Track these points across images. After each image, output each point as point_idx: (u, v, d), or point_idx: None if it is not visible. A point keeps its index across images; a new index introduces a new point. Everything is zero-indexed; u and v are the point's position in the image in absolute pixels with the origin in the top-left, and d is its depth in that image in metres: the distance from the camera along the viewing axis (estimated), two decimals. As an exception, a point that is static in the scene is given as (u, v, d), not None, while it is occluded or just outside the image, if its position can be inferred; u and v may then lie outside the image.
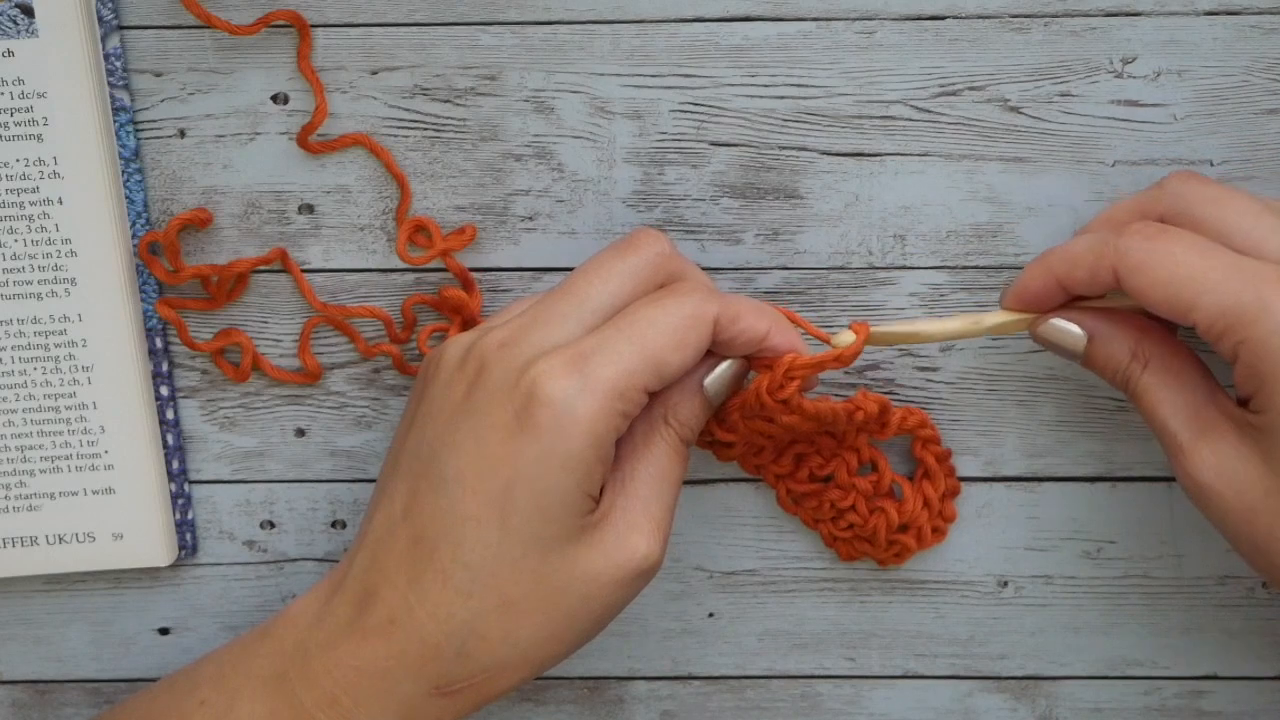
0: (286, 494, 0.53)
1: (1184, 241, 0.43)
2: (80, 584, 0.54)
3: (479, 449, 0.43)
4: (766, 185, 0.50)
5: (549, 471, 0.43)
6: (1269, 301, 0.41)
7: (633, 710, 0.56)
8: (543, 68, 0.49)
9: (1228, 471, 0.44)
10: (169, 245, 0.49)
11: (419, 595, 0.44)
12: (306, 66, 0.48)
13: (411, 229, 0.50)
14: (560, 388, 0.43)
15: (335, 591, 0.46)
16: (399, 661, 0.44)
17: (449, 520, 0.44)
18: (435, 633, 0.44)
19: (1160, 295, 0.43)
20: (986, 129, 0.49)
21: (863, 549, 0.53)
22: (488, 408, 0.44)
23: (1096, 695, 0.55)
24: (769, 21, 0.48)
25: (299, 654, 0.46)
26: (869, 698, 0.55)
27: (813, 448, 0.51)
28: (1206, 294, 0.42)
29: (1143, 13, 0.48)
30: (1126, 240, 0.44)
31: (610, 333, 0.44)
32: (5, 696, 0.56)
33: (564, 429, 0.43)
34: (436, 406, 0.45)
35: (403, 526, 0.45)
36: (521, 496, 0.43)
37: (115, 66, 0.48)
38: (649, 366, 0.44)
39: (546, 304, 0.46)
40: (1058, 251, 0.46)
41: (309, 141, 0.49)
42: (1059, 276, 0.45)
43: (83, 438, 0.51)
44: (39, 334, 0.50)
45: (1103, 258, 0.44)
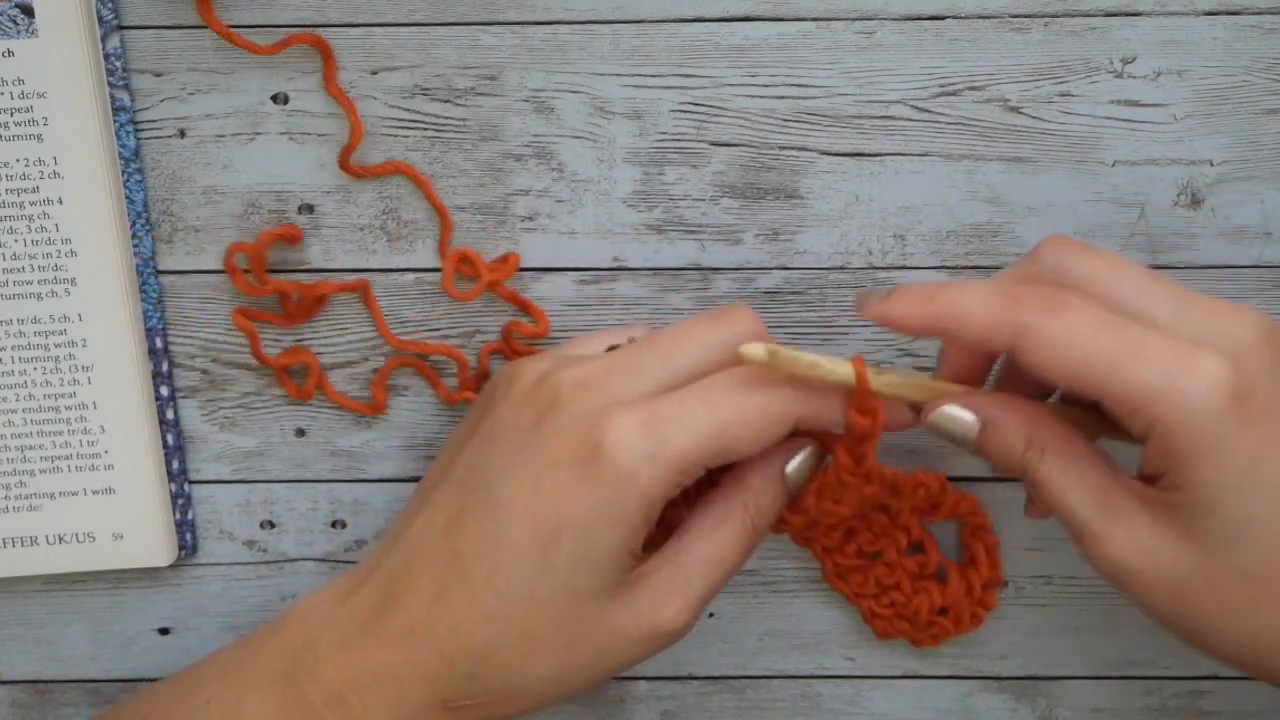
0: (286, 494, 0.53)
1: (1087, 316, 0.41)
2: (80, 584, 0.54)
3: (535, 484, 0.43)
4: (766, 185, 0.50)
5: (600, 525, 0.43)
6: (1177, 380, 0.40)
7: (633, 710, 0.56)
8: (543, 68, 0.49)
9: (1147, 550, 0.42)
10: (255, 258, 0.49)
11: (443, 609, 0.44)
12: (335, 89, 0.48)
13: (457, 260, 0.50)
14: (629, 448, 0.43)
15: (355, 590, 0.46)
16: (412, 670, 0.44)
17: (492, 544, 0.44)
18: (452, 649, 0.44)
19: (1065, 373, 0.41)
20: (986, 129, 0.49)
21: (901, 628, 0.53)
22: (553, 446, 0.43)
23: (1096, 695, 0.55)
24: (769, 21, 0.48)
25: (310, 652, 0.46)
26: (869, 698, 0.55)
27: (864, 523, 0.52)
28: (1114, 374, 0.41)
29: (1143, 13, 0.48)
30: (1027, 315, 0.42)
31: (691, 400, 0.43)
32: (5, 696, 0.56)
33: (623, 489, 0.43)
34: (500, 428, 0.45)
35: (442, 539, 0.45)
36: (568, 542, 0.43)
37: (115, 66, 0.48)
38: (720, 447, 0.43)
39: (630, 353, 0.45)
40: (948, 297, 0.43)
41: (350, 165, 0.49)
42: (945, 325, 0.43)
43: (83, 438, 0.51)
44: (39, 334, 0.50)
45: (998, 330, 0.42)
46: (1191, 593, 0.42)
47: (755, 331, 0.46)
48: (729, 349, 0.45)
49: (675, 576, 0.45)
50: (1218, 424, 0.40)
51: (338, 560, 0.54)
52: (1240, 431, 0.40)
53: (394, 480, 0.53)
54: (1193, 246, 0.50)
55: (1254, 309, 0.42)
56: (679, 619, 0.45)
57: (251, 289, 0.50)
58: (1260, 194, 0.49)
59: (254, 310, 0.51)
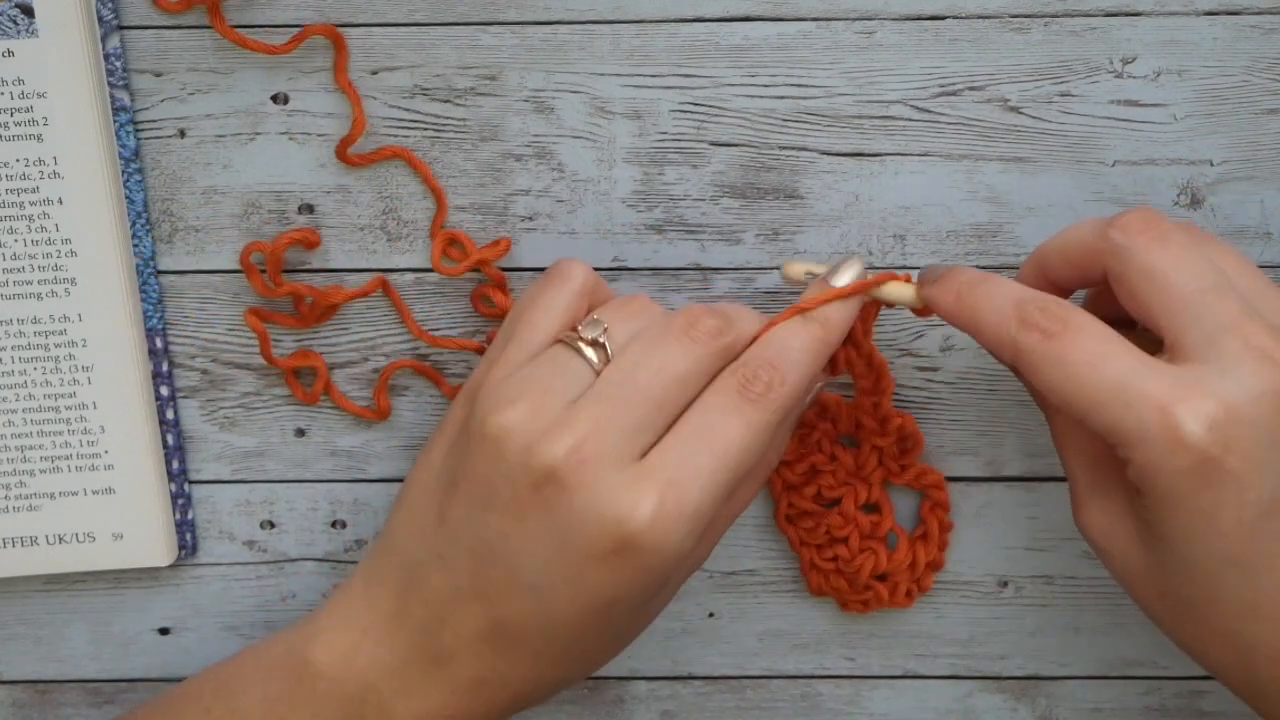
0: (286, 494, 0.53)
1: (1079, 346, 0.42)
2: (80, 584, 0.54)
3: (576, 575, 0.43)
4: (766, 185, 0.50)
5: (654, 593, 0.45)
6: (1150, 430, 0.40)
7: (633, 710, 0.56)
8: (543, 68, 0.49)
9: (1112, 534, 0.44)
10: (273, 260, 0.49)
11: (510, 665, 0.45)
12: (344, 80, 0.48)
13: (445, 242, 0.50)
14: (663, 533, 0.42)
15: (393, 634, 0.46)
16: (490, 709, 0.46)
17: (541, 621, 0.44)
18: (529, 692, 0.46)
19: (1054, 399, 0.42)
20: (986, 129, 0.49)
21: (836, 585, 0.53)
22: (579, 536, 0.43)
23: (1096, 695, 0.55)
24: (769, 21, 0.48)
25: (374, 699, 0.46)
26: (869, 698, 0.55)
27: (829, 465, 0.52)
28: (1095, 410, 0.41)
29: (1143, 13, 0.48)
30: (1025, 336, 0.42)
31: (694, 446, 0.43)
32: (5, 696, 0.56)
33: (666, 565, 0.43)
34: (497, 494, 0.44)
35: (476, 605, 0.45)
36: (621, 613, 0.45)
37: (115, 66, 0.48)
38: (733, 481, 0.44)
39: (615, 405, 0.44)
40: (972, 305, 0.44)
41: (347, 154, 0.49)
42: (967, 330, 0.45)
43: (83, 438, 0.51)
44: (39, 334, 0.50)
45: (1002, 347, 0.43)
46: (1139, 584, 0.44)
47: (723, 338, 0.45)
48: (707, 368, 0.44)
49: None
50: (1178, 479, 0.41)
51: (338, 560, 0.54)
52: (1199, 489, 0.41)
53: (395, 480, 0.53)
54: (1193, 246, 0.50)
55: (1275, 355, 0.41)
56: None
57: (266, 290, 0.50)
58: (1260, 194, 0.49)
59: (267, 311, 0.51)
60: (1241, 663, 0.43)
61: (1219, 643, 0.43)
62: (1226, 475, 0.40)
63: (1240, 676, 0.43)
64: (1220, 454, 0.40)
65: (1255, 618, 0.42)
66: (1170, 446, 0.40)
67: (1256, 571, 0.42)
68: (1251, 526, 0.41)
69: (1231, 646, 0.43)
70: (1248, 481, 0.41)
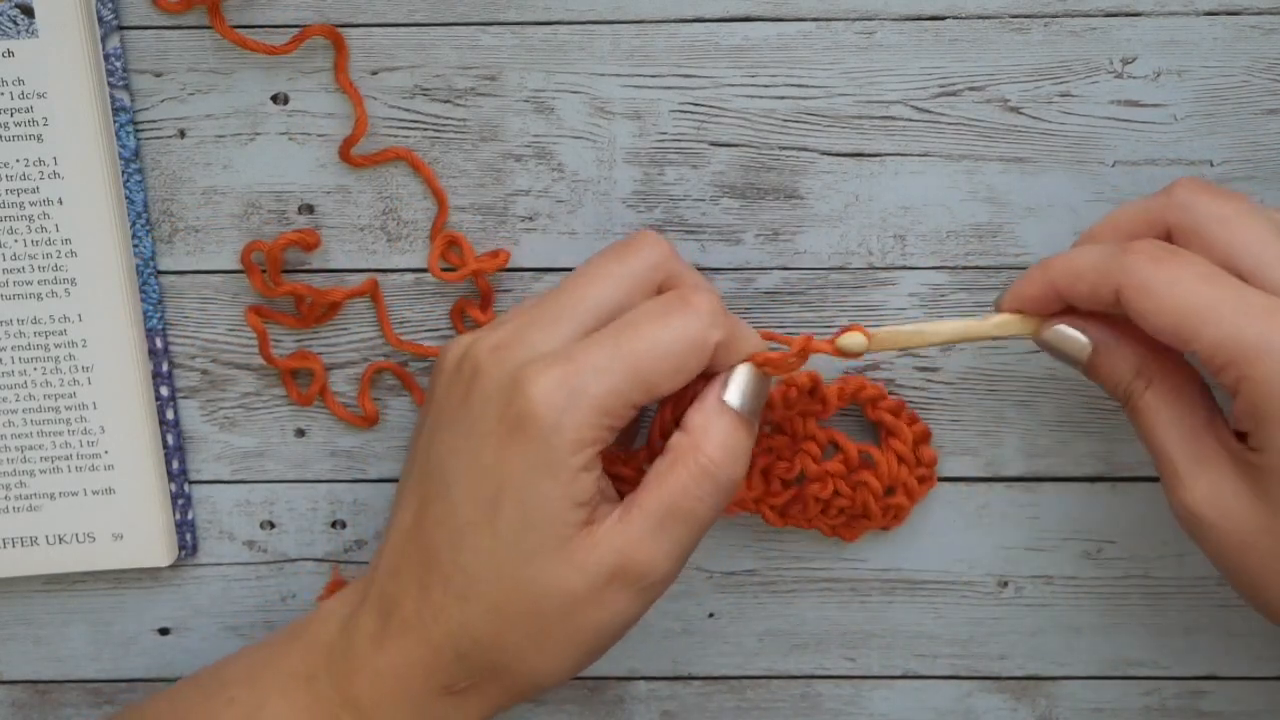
0: (286, 494, 0.53)
1: (1190, 268, 0.42)
2: (80, 584, 0.54)
3: (473, 456, 0.44)
4: (766, 185, 0.50)
5: (534, 481, 0.43)
6: (1272, 339, 0.40)
7: (633, 710, 0.56)
8: (543, 68, 0.49)
9: (1223, 504, 0.43)
10: (272, 259, 0.49)
11: (425, 600, 0.45)
12: (344, 79, 0.48)
13: (445, 244, 0.50)
14: (548, 403, 0.43)
15: (362, 600, 0.47)
16: (409, 664, 0.45)
17: (450, 526, 0.44)
18: (437, 635, 0.45)
19: (1163, 322, 0.42)
20: (986, 129, 0.49)
21: (862, 525, 0.53)
22: (480, 415, 0.44)
23: (1096, 695, 0.55)
24: (769, 21, 0.48)
25: (329, 655, 0.47)
26: (869, 698, 0.55)
27: (771, 455, 0.51)
28: (1210, 326, 0.41)
29: (1143, 13, 0.48)
30: (1131, 260, 0.43)
31: (606, 345, 0.44)
32: (5, 696, 0.56)
33: (549, 442, 0.43)
34: (437, 411, 0.46)
35: (414, 536, 0.46)
36: (509, 504, 0.43)
37: (115, 66, 0.48)
38: (640, 387, 0.43)
39: (541, 306, 0.45)
40: (1060, 261, 0.45)
41: (350, 155, 0.49)
42: (1060, 287, 0.45)
43: (83, 438, 0.51)
44: (39, 334, 0.50)
45: (1107, 275, 0.43)
46: (1255, 552, 0.43)
47: (662, 256, 0.46)
48: (639, 280, 0.45)
49: (630, 516, 0.44)
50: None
51: (338, 560, 0.54)
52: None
53: (394, 480, 0.53)
54: (1193, 246, 0.50)
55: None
56: (648, 556, 0.44)
57: (267, 289, 0.50)
58: (1260, 194, 0.49)
59: (268, 310, 0.51)
60: None
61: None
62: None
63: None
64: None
65: None
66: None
67: None
68: None
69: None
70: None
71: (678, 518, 0.44)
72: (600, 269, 0.46)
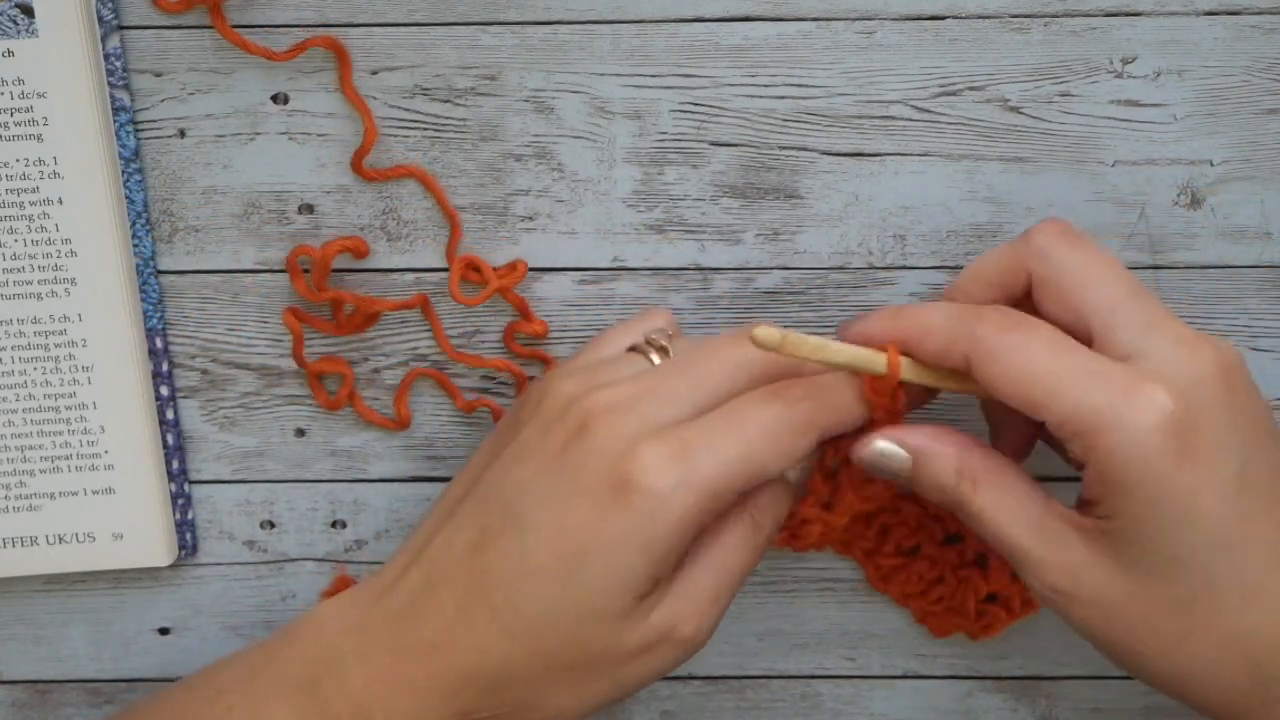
0: (286, 494, 0.53)
1: (1039, 337, 0.42)
2: (80, 584, 0.54)
3: (564, 509, 0.43)
4: (766, 185, 0.50)
5: (627, 550, 0.43)
6: (1119, 410, 0.41)
7: (633, 710, 0.56)
8: (543, 68, 0.49)
9: (1083, 578, 0.43)
10: (320, 265, 0.49)
11: (465, 626, 0.44)
12: (351, 93, 0.48)
13: (463, 267, 0.50)
14: (661, 479, 0.42)
15: (377, 601, 0.46)
16: (435, 684, 0.45)
17: (515, 566, 0.44)
18: (473, 664, 0.44)
19: (1011, 390, 0.42)
20: (986, 129, 0.49)
21: (955, 622, 0.53)
22: (582, 472, 0.43)
23: (1096, 695, 0.55)
24: (769, 21, 0.48)
25: (333, 660, 0.46)
26: (869, 698, 0.55)
27: (898, 518, 0.51)
28: (1057, 397, 0.41)
29: (1143, 13, 0.48)
30: (982, 328, 0.43)
31: (719, 426, 0.44)
32: (5, 696, 0.56)
33: (655, 517, 0.43)
34: (528, 450, 0.45)
35: (467, 560, 0.45)
36: (593, 565, 0.43)
37: (115, 66, 0.48)
38: (750, 470, 0.43)
39: (661, 377, 0.45)
40: (911, 315, 0.45)
41: (363, 168, 0.49)
42: (909, 343, 0.44)
43: (83, 438, 0.51)
44: (39, 334, 0.50)
45: (955, 341, 0.43)
46: (1123, 621, 0.43)
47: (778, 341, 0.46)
48: (756, 370, 0.45)
49: (686, 589, 0.45)
50: (1156, 459, 0.40)
51: (338, 560, 0.54)
52: (1179, 468, 0.41)
53: (394, 480, 0.53)
54: (1193, 246, 0.50)
55: (1220, 341, 0.43)
56: (695, 627, 0.45)
57: (309, 293, 0.50)
58: (1260, 194, 0.49)
59: (304, 313, 0.51)
60: (1245, 659, 0.42)
61: (1217, 645, 0.42)
62: (1199, 451, 0.40)
63: (1244, 677, 0.42)
64: (1189, 429, 0.40)
65: (1255, 601, 0.42)
66: (1143, 421, 0.40)
67: (1245, 553, 0.41)
68: (1233, 504, 0.41)
69: (1231, 645, 0.42)
70: (1219, 457, 0.41)
71: (731, 577, 0.46)
72: (721, 352, 0.46)
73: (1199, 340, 0.42)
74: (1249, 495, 0.41)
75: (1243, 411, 0.42)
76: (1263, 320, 0.51)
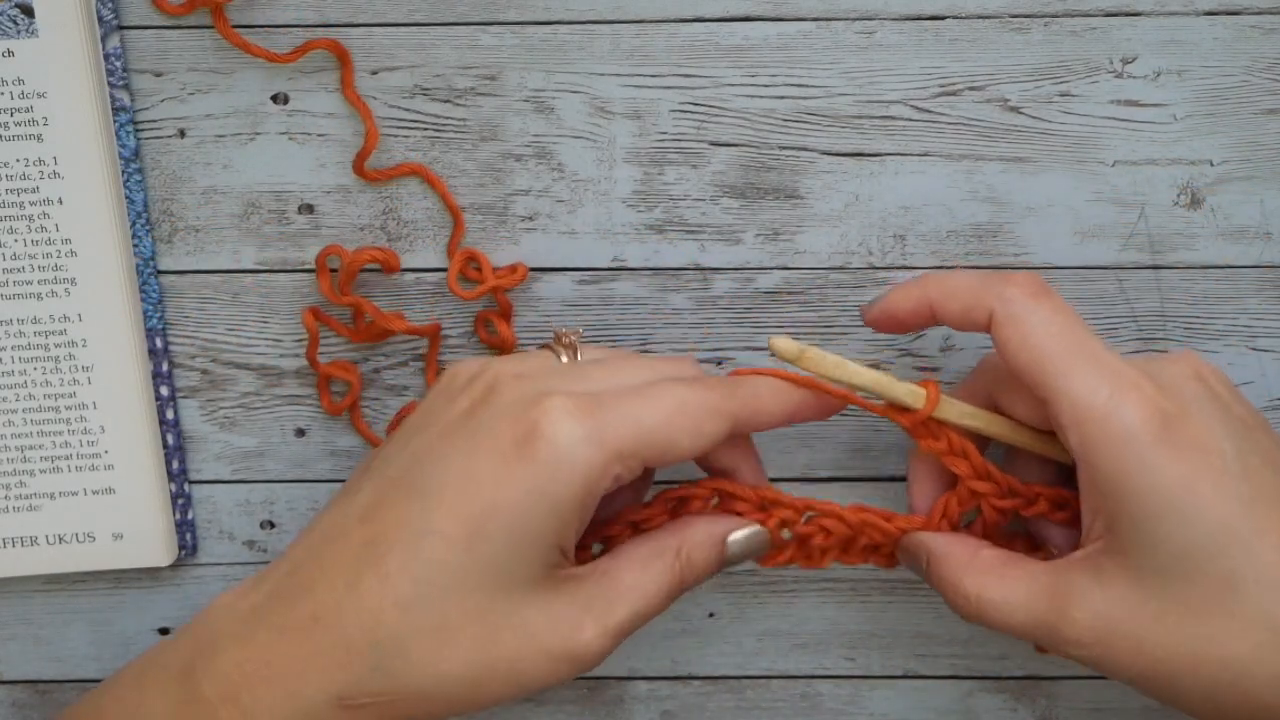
0: (286, 494, 0.53)
1: (1063, 315, 0.43)
2: (80, 584, 0.54)
3: (467, 466, 0.42)
4: (766, 185, 0.50)
5: (534, 509, 0.41)
6: (1120, 407, 0.41)
7: (633, 710, 0.56)
8: (543, 68, 0.49)
9: (1105, 614, 0.43)
10: (348, 271, 0.49)
11: (354, 598, 0.42)
12: (352, 94, 0.48)
13: (464, 260, 0.50)
14: (568, 429, 0.41)
15: (260, 583, 0.44)
16: (312, 662, 0.42)
17: (412, 529, 0.42)
18: (359, 639, 0.42)
19: (1024, 359, 0.42)
20: (986, 129, 0.49)
21: None
22: (488, 428, 0.42)
23: (1096, 695, 0.55)
24: (769, 21, 0.48)
25: (210, 645, 0.43)
26: (869, 698, 0.55)
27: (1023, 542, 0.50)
28: (1064, 378, 0.42)
29: (1143, 13, 0.48)
30: (1011, 290, 0.43)
31: (632, 395, 0.43)
32: (5, 696, 0.56)
33: (560, 471, 0.41)
34: (432, 417, 0.44)
35: (359, 528, 0.43)
36: (498, 525, 0.41)
37: (115, 66, 0.48)
38: (661, 440, 0.42)
39: (575, 364, 0.45)
40: (937, 279, 0.45)
41: (364, 169, 0.49)
42: (934, 303, 0.44)
43: (83, 438, 0.51)
44: (39, 334, 0.50)
45: (982, 299, 0.43)
46: (1152, 645, 0.42)
47: (697, 371, 0.46)
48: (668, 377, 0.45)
49: (598, 595, 0.43)
50: (1148, 451, 0.41)
51: (338, 560, 0.54)
52: (1171, 459, 0.41)
53: (394, 480, 0.53)
54: (1192, 246, 0.50)
55: (1190, 354, 0.44)
56: (595, 643, 0.43)
57: (334, 296, 0.50)
58: (1260, 194, 0.49)
59: (323, 314, 0.51)
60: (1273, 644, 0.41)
61: (1251, 637, 0.41)
62: (1190, 442, 0.41)
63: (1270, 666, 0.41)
64: (1178, 421, 0.41)
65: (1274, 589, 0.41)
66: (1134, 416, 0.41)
67: (1259, 540, 0.41)
68: (1233, 492, 0.41)
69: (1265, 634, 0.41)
70: (1210, 447, 0.41)
71: (643, 607, 0.44)
72: (635, 359, 0.46)
73: (1174, 356, 0.44)
74: (1250, 482, 0.41)
75: (1227, 405, 0.43)
76: (1263, 320, 0.51)
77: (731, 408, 0.44)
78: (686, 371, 0.46)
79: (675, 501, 0.47)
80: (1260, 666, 0.41)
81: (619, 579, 0.44)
